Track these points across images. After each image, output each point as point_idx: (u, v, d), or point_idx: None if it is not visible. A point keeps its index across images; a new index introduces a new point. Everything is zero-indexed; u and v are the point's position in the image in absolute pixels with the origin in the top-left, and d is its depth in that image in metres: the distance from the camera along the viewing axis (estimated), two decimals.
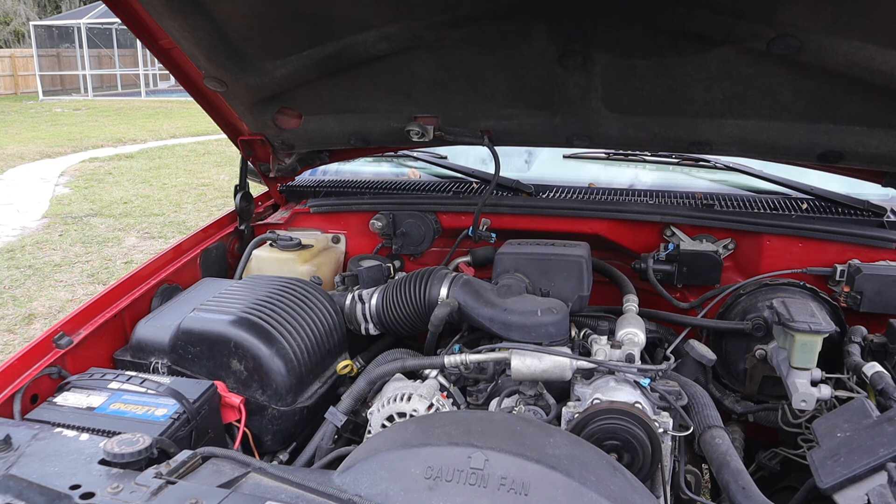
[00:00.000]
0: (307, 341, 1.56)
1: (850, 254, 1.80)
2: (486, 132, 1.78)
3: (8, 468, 0.98)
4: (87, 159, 10.26)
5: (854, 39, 1.25)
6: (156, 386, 1.34)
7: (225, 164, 9.66)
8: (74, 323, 1.55)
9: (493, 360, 1.48)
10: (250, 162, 2.07)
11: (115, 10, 1.50)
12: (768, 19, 1.26)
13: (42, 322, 4.44)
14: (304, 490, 0.95)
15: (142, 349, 1.55)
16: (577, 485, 0.92)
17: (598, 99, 1.57)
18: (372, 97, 1.74)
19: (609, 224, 1.95)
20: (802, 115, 1.51)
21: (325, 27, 1.49)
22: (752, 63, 1.38)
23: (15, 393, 1.33)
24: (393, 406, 1.42)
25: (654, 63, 1.44)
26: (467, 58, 1.53)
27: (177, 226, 6.60)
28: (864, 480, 1.12)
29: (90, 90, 21.24)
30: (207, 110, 1.88)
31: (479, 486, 0.93)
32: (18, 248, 5.99)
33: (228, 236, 2.12)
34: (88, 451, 1.03)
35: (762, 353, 1.66)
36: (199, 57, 1.59)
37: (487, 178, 2.12)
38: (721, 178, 2.17)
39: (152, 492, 0.91)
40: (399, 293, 1.69)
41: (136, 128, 13.63)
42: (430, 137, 1.78)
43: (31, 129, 13.41)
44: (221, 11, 1.45)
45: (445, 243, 2.11)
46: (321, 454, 1.44)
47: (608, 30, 1.38)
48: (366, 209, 2.13)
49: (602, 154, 2.29)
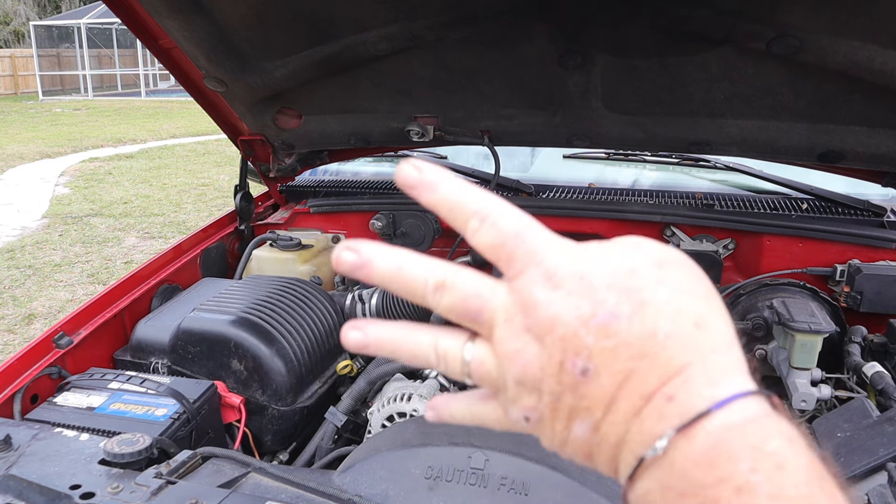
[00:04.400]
0: (307, 341, 1.56)
1: (851, 254, 1.80)
2: (486, 132, 1.78)
3: (8, 468, 0.98)
4: (87, 159, 10.26)
5: (854, 39, 1.25)
6: (156, 386, 1.34)
7: (225, 164, 9.66)
8: (74, 323, 1.55)
9: None
10: (250, 162, 2.07)
11: (115, 10, 1.50)
12: (768, 19, 1.26)
13: (42, 322, 4.44)
14: (304, 490, 0.95)
15: (142, 349, 1.55)
16: (576, 485, 0.92)
17: (598, 99, 1.57)
18: (372, 97, 1.74)
19: (609, 224, 1.95)
20: (802, 115, 1.50)
21: (326, 27, 1.49)
22: (752, 63, 1.38)
23: (15, 393, 1.33)
24: (393, 406, 1.42)
25: (654, 63, 1.44)
26: (467, 58, 1.53)
27: (177, 226, 6.60)
28: (865, 480, 1.12)
29: (90, 90, 21.24)
30: (207, 110, 1.88)
31: (479, 486, 0.93)
32: (18, 248, 5.98)
33: (228, 236, 2.12)
34: (88, 451, 1.03)
35: (762, 353, 1.66)
36: (199, 57, 1.59)
37: (487, 178, 2.12)
38: (721, 178, 2.17)
39: (152, 492, 0.91)
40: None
41: (136, 128, 13.63)
42: (430, 137, 1.78)
43: (31, 129, 13.40)
44: (221, 11, 1.45)
45: (445, 243, 2.11)
46: (321, 454, 1.44)
47: (608, 30, 1.38)
48: (366, 209, 2.13)
49: (602, 154, 2.29)
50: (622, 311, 0.34)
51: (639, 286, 0.35)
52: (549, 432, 0.38)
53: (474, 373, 0.39)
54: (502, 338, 0.37)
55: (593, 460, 0.37)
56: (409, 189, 0.38)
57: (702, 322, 0.35)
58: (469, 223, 0.38)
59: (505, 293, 0.37)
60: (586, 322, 0.34)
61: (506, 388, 0.38)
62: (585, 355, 0.34)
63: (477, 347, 0.39)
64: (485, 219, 0.37)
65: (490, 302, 0.37)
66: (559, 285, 0.35)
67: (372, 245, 0.39)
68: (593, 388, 0.34)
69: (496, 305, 0.37)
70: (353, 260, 0.38)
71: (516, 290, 0.36)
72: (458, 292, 0.38)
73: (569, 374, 0.35)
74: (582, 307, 0.34)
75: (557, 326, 0.35)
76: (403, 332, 0.40)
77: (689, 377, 0.33)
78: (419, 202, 0.39)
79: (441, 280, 0.38)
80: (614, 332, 0.34)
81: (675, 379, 0.34)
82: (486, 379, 0.39)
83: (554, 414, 0.36)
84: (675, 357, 0.34)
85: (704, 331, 0.35)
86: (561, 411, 0.36)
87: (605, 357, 0.34)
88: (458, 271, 0.38)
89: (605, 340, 0.34)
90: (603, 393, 0.34)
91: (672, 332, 0.34)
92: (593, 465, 0.38)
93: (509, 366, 0.37)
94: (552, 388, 0.35)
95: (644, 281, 0.35)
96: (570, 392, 0.35)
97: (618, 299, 0.34)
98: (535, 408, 0.37)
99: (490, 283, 0.38)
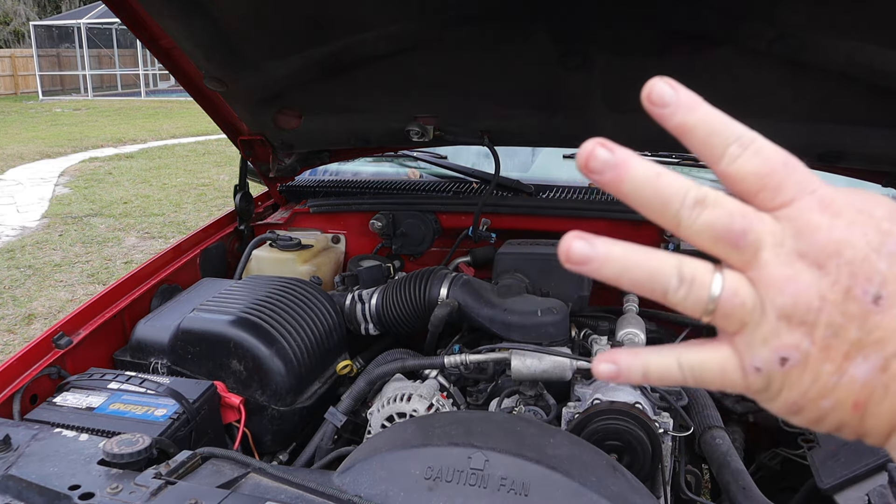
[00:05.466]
0: (307, 341, 1.56)
1: None
2: (486, 132, 1.78)
3: (7, 468, 0.98)
4: (87, 159, 10.26)
5: (854, 39, 1.25)
6: (155, 386, 1.34)
7: (225, 164, 9.65)
8: (74, 323, 1.55)
9: (493, 360, 1.48)
10: (250, 162, 2.07)
11: (114, 10, 1.50)
12: (768, 19, 1.25)
13: (42, 322, 4.44)
14: (304, 490, 0.95)
15: (141, 349, 1.55)
16: (577, 485, 0.92)
17: (599, 99, 1.57)
18: (372, 97, 1.74)
19: (609, 224, 1.95)
20: (802, 115, 1.50)
21: (326, 27, 1.49)
22: (752, 63, 1.38)
23: (14, 393, 1.33)
24: (393, 406, 1.42)
25: (654, 63, 1.43)
26: (467, 58, 1.53)
27: (177, 226, 6.60)
28: (865, 481, 1.12)
29: (90, 90, 21.24)
30: (207, 110, 1.88)
31: (479, 487, 0.93)
32: (18, 248, 5.98)
33: (228, 236, 2.12)
34: (88, 452, 1.03)
35: None
36: (199, 57, 1.58)
37: (487, 178, 2.12)
38: None
39: (152, 492, 0.91)
40: (399, 293, 1.69)
41: (136, 128, 13.63)
42: (430, 137, 1.78)
43: (31, 129, 13.40)
44: (221, 11, 1.45)
45: (445, 243, 2.11)
46: (321, 454, 1.44)
47: (608, 30, 1.38)
48: (366, 209, 2.13)
49: None
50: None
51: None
52: (809, 378, 0.34)
53: (724, 304, 0.35)
54: (770, 262, 0.34)
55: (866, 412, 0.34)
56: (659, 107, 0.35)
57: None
58: (729, 149, 0.35)
59: (771, 220, 0.35)
60: (877, 248, 0.32)
61: (759, 325, 0.34)
62: (878, 281, 0.32)
63: (730, 275, 0.35)
64: (748, 145, 0.35)
65: (756, 223, 0.34)
66: (839, 214, 0.33)
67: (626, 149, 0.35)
68: (888, 318, 0.32)
69: (763, 228, 0.34)
70: (605, 157, 0.34)
71: (789, 216, 0.34)
72: (723, 209, 0.34)
73: (857, 302, 0.32)
74: (869, 234, 0.33)
75: (845, 250, 0.33)
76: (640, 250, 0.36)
77: None
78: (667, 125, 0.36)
79: (703, 195, 0.35)
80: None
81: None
82: (735, 313, 0.35)
83: (825, 352, 0.33)
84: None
85: None
86: (836, 349, 0.33)
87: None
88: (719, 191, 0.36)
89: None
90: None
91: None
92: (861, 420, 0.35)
93: (776, 295, 0.33)
94: (832, 320, 0.33)
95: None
96: (857, 323, 0.32)
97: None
98: (799, 346, 0.33)
99: (753, 209, 0.35)
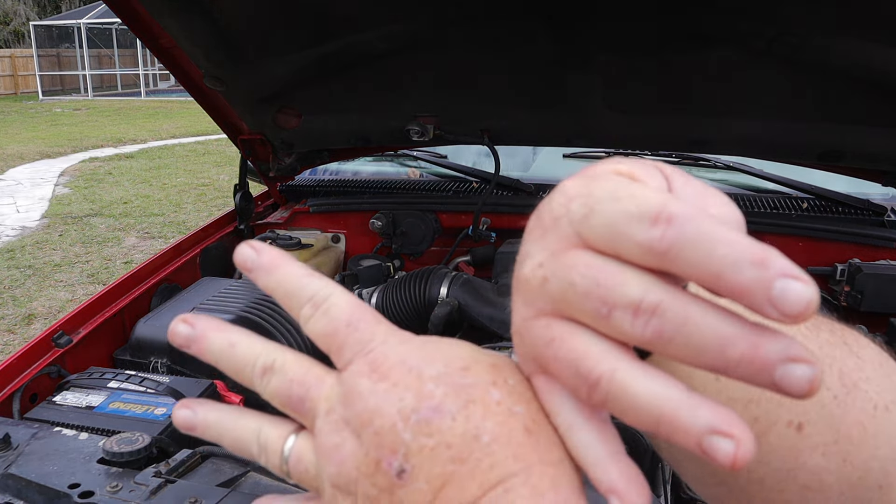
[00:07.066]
0: (307, 341, 1.56)
1: (851, 253, 1.80)
2: (486, 132, 1.78)
3: (7, 467, 0.98)
4: (87, 159, 10.26)
5: (855, 38, 1.25)
6: (155, 385, 1.34)
7: (225, 164, 9.66)
8: (74, 322, 1.55)
9: None
10: (250, 161, 2.07)
11: (114, 9, 1.50)
12: (769, 18, 1.25)
13: (42, 322, 4.44)
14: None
15: (141, 348, 1.55)
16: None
17: (599, 98, 1.57)
18: (372, 97, 1.74)
19: None
20: (802, 115, 1.50)
21: (326, 26, 1.49)
22: (752, 63, 1.38)
23: (14, 392, 1.33)
24: None
25: (655, 62, 1.44)
26: (467, 58, 1.53)
27: (177, 226, 6.60)
28: None
29: (90, 90, 21.26)
30: (207, 110, 1.88)
31: None
32: (18, 248, 5.99)
33: (228, 236, 2.12)
34: (87, 450, 1.03)
35: None
36: (199, 56, 1.59)
37: (487, 177, 2.12)
38: (721, 177, 2.17)
39: (151, 490, 0.91)
40: (399, 292, 1.69)
41: (136, 128, 13.63)
42: (429, 137, 1.78)
43: (31, 129, 13.41)
44: (222, 10, 1.45)
45: (445, 243, 2.11)
46: None
47: (609, 29, 1.38)
48: (366, 209, 2.13)
49: (602, 153, 2.29)
50: (447, 408, 0.30)
51: (471, 383, 0.31)
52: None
53: (292, 470, 0.36)
54: (322, 430, 0.33)
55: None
56: (246, 272, 0.36)
57: (535, 428, 0.31)
58: (302, 310, 0.35)
59: (332, 384, 0.34)
60: (406, 416, 0.30)
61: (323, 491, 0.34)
62: (402, 453, 0.30)
63: (299, 441, 0.35)
64: (318, 306, 0.34)
65: (314, 391, 0.34)
66: (385, 376, 0.32)
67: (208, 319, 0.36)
68: (410, 492, 0.30)
69: (320, 395, 0.34)
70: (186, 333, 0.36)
71: (343, 380, 0.33)
72: (284, 377, 0.35)
73: (385, 476, 0.31)
74: (405, 400, 0.31)
75: (375, 419, 0.31)
76: (230, 417, 0.37)
77: (511, 488, 0.29)
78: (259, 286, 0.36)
79: (270, 363, 0.35)
80: (436, 429, 0.30)
81: (497, 489, 0.29)
82: (305, 478, 0.35)
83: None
84: (499, 464, 0.30)
85: (535, 437, 0.30)
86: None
87: (424, 458, 0.30)
88: (289, 355, 0.35)
89: (424, 438, 0.30)
90: (420, 499, 0.30)
91: (498, 436, 0.30)
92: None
93: (325, 463, 0.33)
94: (367, 492, 0.31)
95: (477, 379, 0.32)
96: (387, 497, 0.31)
97: (445, 393, 0.31)
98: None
99: (320, 372, 0.35)
